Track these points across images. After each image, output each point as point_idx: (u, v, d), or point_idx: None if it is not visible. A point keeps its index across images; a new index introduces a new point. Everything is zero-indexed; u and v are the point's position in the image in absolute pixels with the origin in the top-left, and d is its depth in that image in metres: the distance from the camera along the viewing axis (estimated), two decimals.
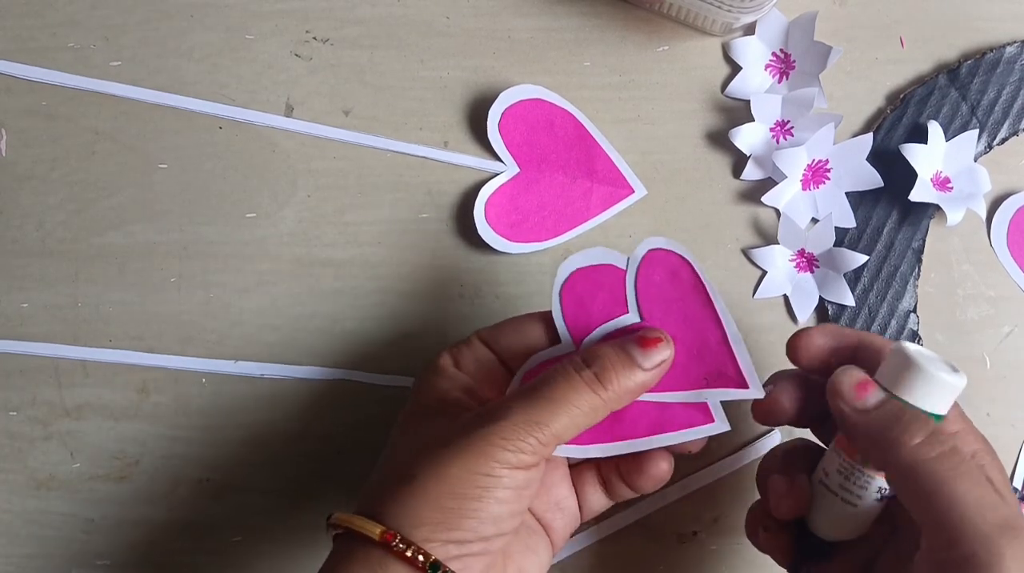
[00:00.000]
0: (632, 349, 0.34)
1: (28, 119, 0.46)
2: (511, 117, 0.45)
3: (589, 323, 0.36)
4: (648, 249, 0.36)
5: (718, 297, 0.36)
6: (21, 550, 0.45)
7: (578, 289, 0.36)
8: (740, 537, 0.45)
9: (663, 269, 0.36)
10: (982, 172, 0.45)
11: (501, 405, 0.33)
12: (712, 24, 0.45)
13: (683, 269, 0.36)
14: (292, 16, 0.47)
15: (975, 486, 0.30)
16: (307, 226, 0.46)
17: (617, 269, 0.36)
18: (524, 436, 0.32)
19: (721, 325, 0.36)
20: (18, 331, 0.46)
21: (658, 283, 0.36)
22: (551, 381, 0.33)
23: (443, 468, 0.32)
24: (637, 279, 0.36)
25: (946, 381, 0.33)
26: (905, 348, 0.33)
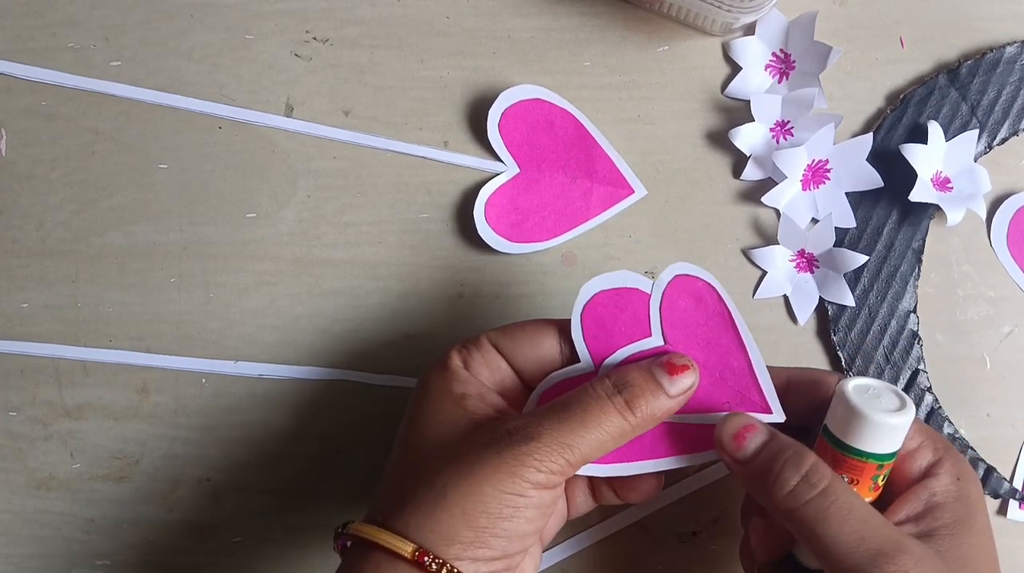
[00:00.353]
0: (660, 375, 0.34)
1: (28, 119, 0.46)
2: (511, 117, 0.45)
3: (610, 345, 0.36)
4: (674, 275, 0.36)
5: (742, 323, 0.36)
6: (21, 550, 0.45)
7: (599, 310, 0.36)
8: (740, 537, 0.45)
9: (688, 295, 0.36)
10: (982, 172, 0.45)
11: (532, 424, 0.33)
12: (712, 24, 0.45)
13: (708, 295, 0.36)
14: (292, 16, 0.47)
15: (843, 525, 0.32)
16: (307, 226, 0.46)
17: (641, 293, 0.36)
18: (556, 458, 0.32)
19: (745, 351, 0.36)
20: (18, 331, 0.46)
21: (683, 308, 0.36)
22: (583, 404, 0.33)
23: (476, 486, 0.32)
24: (662, 303, 0.36)
25: (889, 424, 0.33)
26: (845, 393, 0.34)
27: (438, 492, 0.32)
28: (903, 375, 0.45)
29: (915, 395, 0.45)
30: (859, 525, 0.32)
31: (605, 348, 0.36)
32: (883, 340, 0.45)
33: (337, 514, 0.45)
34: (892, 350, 0.45)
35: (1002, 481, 0.44)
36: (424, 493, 0.33)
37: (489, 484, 0.32)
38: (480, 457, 0.32)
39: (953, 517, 0.34)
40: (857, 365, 0.45)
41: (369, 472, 0.45)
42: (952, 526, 0.34)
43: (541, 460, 0.32)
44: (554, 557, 0.45)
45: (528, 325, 0.37)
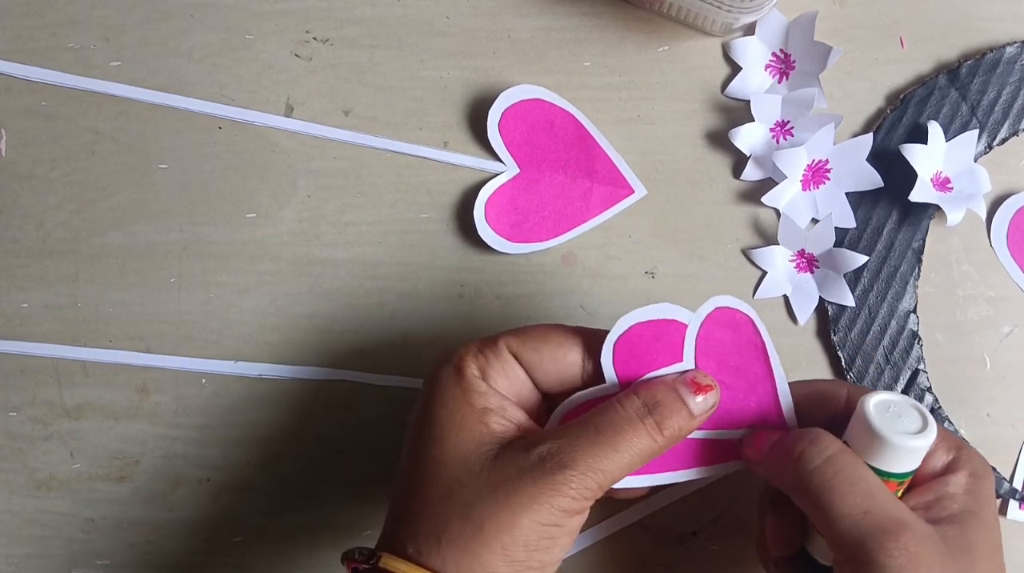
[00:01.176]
0: (685, 394, 0.34)
1: (28, 119, 0.46)
2: (511, 117, 0.45)
3: (639, 371, 0.35)
4: (715, 307, 0.36)
5: (775, 357, 0.36)
6: (21, 550, 0.45)
7: (634, 340, 0.35)
8: (740, 537, 0.45)
9: (726, 326, 0.36)
10: (982, 172, 0.45)
11: (564, 449, 0.32)
12: (712, 24, 0.45)
13: (745, 325, 0.36)
14: (292, 16, 0.47)
15: (848, 496, 0.32)
16: (307, 226, 0.46)
17: (678, 323, 0.36)
18: (590, 484, 0.32)
19: (773, 381, 0.36)
20: (18, 331, 0.46)
21: (718, 338, 0.36)
22: (615, 426, 0.33)
23: (514, 519, 0.31)
24: (699, 333, 0.36)
25: (912, 447, 0.33)
26: (867, 413, 0.33)
27: (475, 526, 0.32)
28: (903, 375, 0.45)
29: (915, 395, 0.45)
30: (864, 498, 0.32)
31: (634, 374, 0.35)
32: (883, 340, 0.45)
33: (337, 514, 0.45)
34: (892, 350, 0.45)
35: (1002, 481, 0.44)
36: (460, 527, 0.32)
37: (527, 516, 0.32)
38: (515, 487, 0.32)
39: (961, 508, 0.34)
40: (857, 365, 0.45)
41: (369, 472, 0.45)
42: (960, 515, 0.33)
43: (577, 488, 0.32)
44: None
45: (551, 335, 0.36)
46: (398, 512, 0.34)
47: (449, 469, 0.33)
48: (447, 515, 0.32)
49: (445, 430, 0.34)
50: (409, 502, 0.34)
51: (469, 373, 0.35)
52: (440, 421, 0.34)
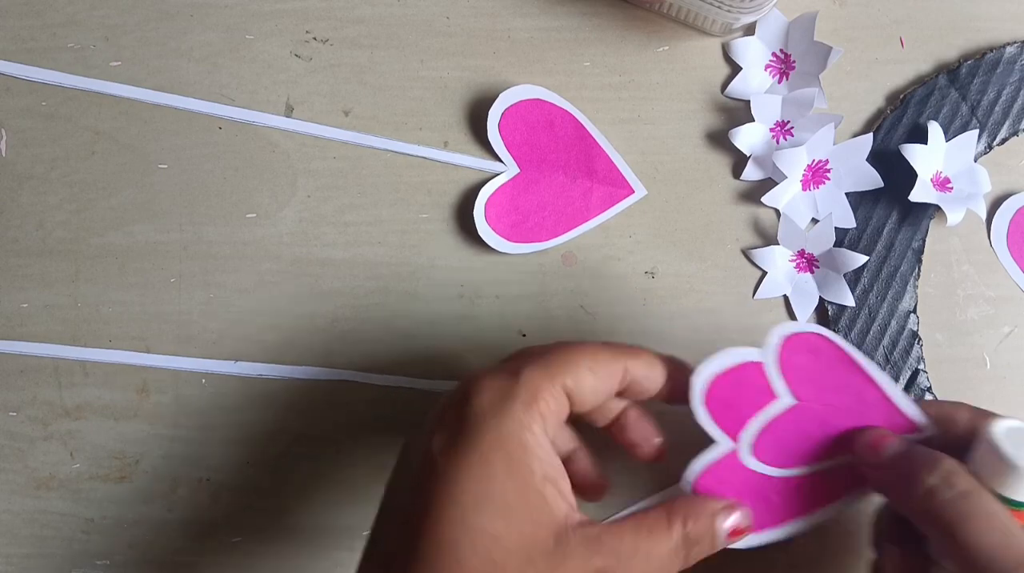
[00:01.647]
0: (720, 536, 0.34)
1: (28, 119, 0.46)
2: (511, 117, 0.45)
3: (740, 418, 0.35)
4: (782, 338, 0.36)
5: (864, 358, 0.36)
6: (21, 550, 0.45)
7: (720, 393, 0.35)
8: None
9: (802, 349, 0.36)
10: (982, 172, 0.45)
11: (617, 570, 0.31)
12: (712, 24, 0.45)
13: (822, 343, 0.36)
14: (292, 16, 0.47)
15: (986, 531, 0.31)
16: (307, 226, 0.46)
17: (754, 363, 0.36)
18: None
19: (875, 382, 0.36)
20: (18, 331, 0.46)
21: (802, 364, 0.36)
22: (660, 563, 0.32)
23: None
24: (780, 365, 0.36)
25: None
26: (997, 443, 0.33)
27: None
28: (903, 375, 0.45)
29: (915, 395, 0.45)
30: (1002, 534, 0.31)
31: (737, 423, 0.35)
32: (883, 340, 0.45)
33: (337, 514, 0.45)
34: (892, 350, 0.45)
35: None
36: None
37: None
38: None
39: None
40: None
41: (369, 472, 0.45)
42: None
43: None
44: None
45: (584, 362, 0.33)
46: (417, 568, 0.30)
47: (508, 554, 0.30)
48: None
49: (506, 501, 0.30)
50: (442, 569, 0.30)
51: (541, 428, 0.31)
52: (500, 486, 0.30)
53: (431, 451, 0.31)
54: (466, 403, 0.31)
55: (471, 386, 0.32)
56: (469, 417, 0.31)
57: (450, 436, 0.31)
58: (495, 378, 0.32)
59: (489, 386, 0.32)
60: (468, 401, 0.31)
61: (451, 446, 0.31)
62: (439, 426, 0.32)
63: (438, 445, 0.31)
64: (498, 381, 0.32)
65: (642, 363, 0.35)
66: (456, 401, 0.32)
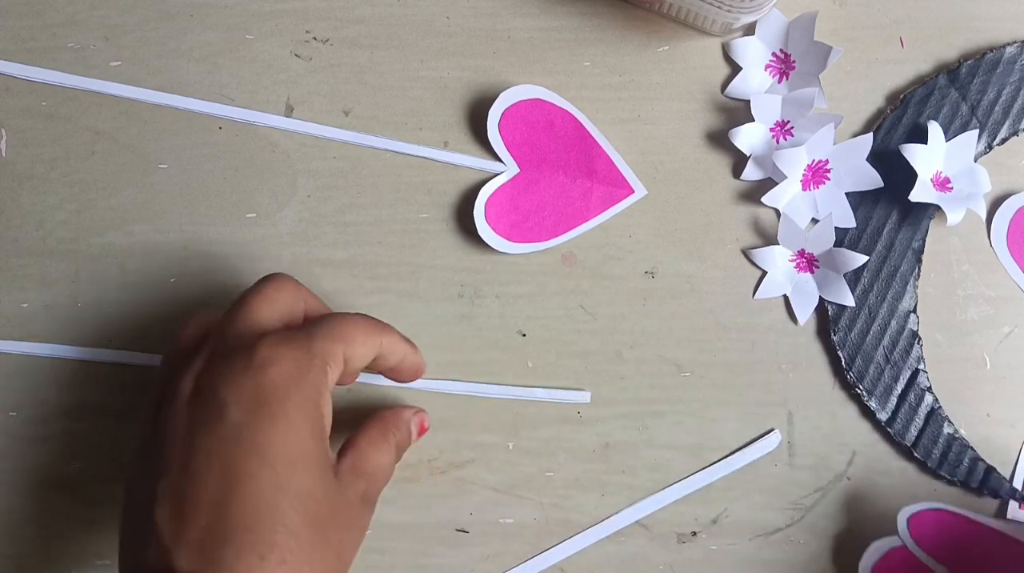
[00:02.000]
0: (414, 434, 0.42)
1: (28, 119, 0.46)
2: (511, 117, 0.45)
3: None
4: None
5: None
6: (21, 550, 0.45)
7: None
8: (740, 537, 0.45)
9: None
10: (982, 172, 0.45)
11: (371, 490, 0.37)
12: (712, 24, 0.45)
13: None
14: (292, 16, 0.47)
15: None
16: (307, 226, 0.46)
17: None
18: None
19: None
20: (18, 331, 0.46)
21: None
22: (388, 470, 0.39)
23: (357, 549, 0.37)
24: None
25: None
26: None
27: (343, 564, 0.35)
28: (903, 375, 0.45)
29: (915, 395, 0.45)
30: None
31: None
32: (883, 340, 0.45)
33: None
34: (892, 350, 0.45)
35: (1002, 481, 0.44)
36: (336, 564, 0.34)
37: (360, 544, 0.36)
38: (361, 524, 0.36)
39: None
40: (857, 365, 0.45)
41: None
42: None
43: None
44: (554, 557, 0.45)
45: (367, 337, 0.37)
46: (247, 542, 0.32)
47: (319, 504, 0.33)
48: (326, 555, 0.33)
49: (311, 458, 0.34)
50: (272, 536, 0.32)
51: (328, 390, 0.36)
52: (305, 446, 0.34)
53: (227, 423, 0.33)
54: (262, 374, 0.33)
55: (259, 361, 0.34)
56: (268, 386, 0.33)
57: (250, 408, 0.33)
58: (287, 349, 0.34)
59: (283, 356, 0.34)
60: (264, 372, 0.33)
61: (254, 416, 0.33)
62: (233, 399, 0.33)
63: (237, 416, 0.33)
64: (292, 352, 0.34)
65: (391, 339, 0.39)
66: (240, 372, 0.34)
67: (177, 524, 0.32)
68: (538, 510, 0.45)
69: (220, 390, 0.34)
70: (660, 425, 0.45)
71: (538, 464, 0.45)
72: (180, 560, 0.31)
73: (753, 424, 0.45)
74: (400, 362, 0.40)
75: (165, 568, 0.31)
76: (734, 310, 0.45)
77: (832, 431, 0.45)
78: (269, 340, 0.35)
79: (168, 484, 0.33)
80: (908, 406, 0.44)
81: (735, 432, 0.45)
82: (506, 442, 0.45)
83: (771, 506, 0.45)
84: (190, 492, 0.32)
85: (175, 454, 0.33)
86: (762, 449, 0.45)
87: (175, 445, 0.34)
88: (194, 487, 0.32)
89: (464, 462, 0.45)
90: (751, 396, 0.45)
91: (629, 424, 0.45)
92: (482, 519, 0.45)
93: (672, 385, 0.45)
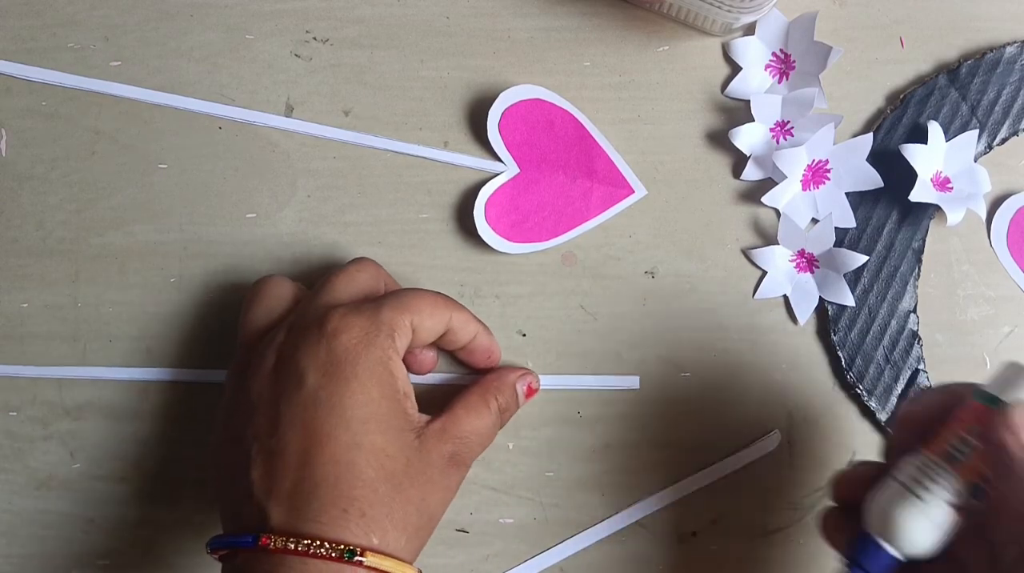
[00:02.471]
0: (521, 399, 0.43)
1: (28, 119, 0.46)
2: (511, 117, 0.45)
3: None
4: None
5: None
6: (21, 550, 0.45)
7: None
8: (740, 537, 0.45)
9: None
10: (982, 172, 0.45)
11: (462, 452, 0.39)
12: (712, 24, 0.45)
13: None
14: (292, 16, 0.47)
15: None
16: (307, 226, 0.46)
17: None
18: None
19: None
20: (18, 331, 0.46)
21: None
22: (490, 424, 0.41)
23: (444, 507, 0.38)
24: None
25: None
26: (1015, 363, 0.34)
27: (428, 517, 0.37)
28: (903, 375, 0.45)
29: (914, 393, 0.45)
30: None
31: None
32: (883, 340, 0.45)
33: None
34: (892, 350, 0.45)
35: None
36: (419, 519, 0.36)
37: (449, 503, 0.38)
38: (446, 484, 0.38)
39: None
40: (857, 365, 0.45)
41: None
42: None
43: None
44: (554, 557, 0.45)
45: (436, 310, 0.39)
46: (329, 496, 0.35)
47: (394, 461, 0.36)
48: (406, 510, 0.36)
49: (384, 418, 0.36)
50: (352, 490, 0.35)
51: (398, 355, 0.38)
52: (377, 406, 0.36)
53: (307, 388, 0.36)
54: (333, 341, 0.36)
55: (330, 330, 0.37)
56: (340, 352, 0.36)
57: (325, 372, 0.36)
58: (356, 318, 0.37)
59: (352, 324, 0.37)
60: (335, 339, 0.36)
61: (329, 380, 0.36)
62: (310, 366, 0.36)
63: (314, 382, 0.36)
64: (360, 320, 0.37)
65: (462, 317, 0.40)
66: (314, 342, 0.37)
67: (269, 483, 0.35)
68: (538, 510, 0.45)
69: (298, 359, 0.37)
70: (660, 425, 0.45)
71: (538, 464, 0.45)
72: (274, 515, 0.35)
73: (753, 424, 0.45)
74: (473, 341, 0.41)
75: (261, 523, 0.35)
76: (734, 310, 0.45)
77: (832, 431, 0.45)
78: (339, 310, 0.38)
79: (259, 448, 0.36)
80: None
81: (735, 432, 0.45)
82: (506, 442, 0.45)
83: (771, 506, 0.45)
84: (279, 453, 0.35)
85: (264, 420, 0.36)
86: (762, 449, 0.45)
87: (263, 411, 0.37)
88: (282, 448, 0.35)
89: None
90: (751, 396, 0.45)
91: (629, 424, 0.45)
92: (482, 519, 0.45)
93: (672, 385, 0.45)
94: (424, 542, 0.37)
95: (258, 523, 0.35)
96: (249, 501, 0.36)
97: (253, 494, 0.35)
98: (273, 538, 0.34)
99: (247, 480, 0.36)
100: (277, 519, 0.35)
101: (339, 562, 0.34)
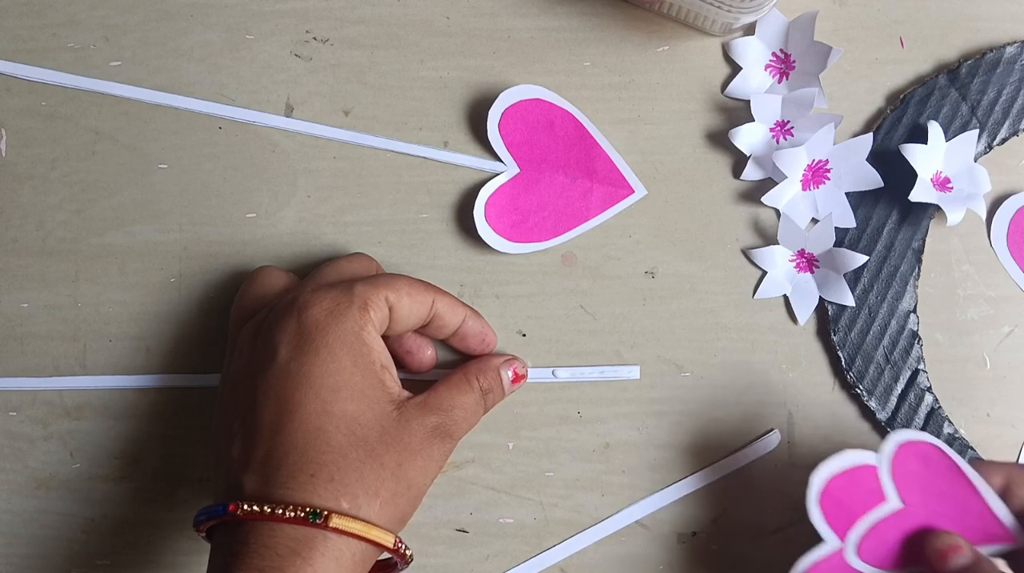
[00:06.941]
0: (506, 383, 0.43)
1: (28, 119, 0.46)
2: (511, 117, 0.45)
3: (851, 519, 0.38)
4: (897, 444, 0.38)
5: (969, 469, 0.37)
6: (21, 550, 0.45)
7: (834, 493, 0.38)
8: (740, 537, 0.45)
9: (915, 456, 0.38)
10: (982, 172, 0.45)
11: (447, 424, 0.39)
12: (712, 24, 0.45)
13: (932, 452, 0.38)
14: (292, 16, 0.47)
15: None
16: (307, 226, 0.46)
17: (869, 466, 0.38)
18: None
19: (980, 495, 0.37)
20: (18, 331, 0.46)
21: (913, 470, 0.38)
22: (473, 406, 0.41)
23: (427, 478, 0.38)
24: (892, 470, 0.38)
25: None
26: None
27: (405, 485, 0.37)
28: (903, 375, 0.45)
29: (915, 395, 0.45)
30: None
31: (846, 523, 0.38)
32: (883, 340, 0.45)
33: None
34: (892, 350, 0.45)
35: None
36: (395, 485, 0.36)
37: (433, 475, 0.38)
38: (427, 453, 0.38)
39: None
40: (857, 365, 0.45)
41: None
42: None
43: (454, 447, 0.40)
44: (554, 557, 0.45)
45: (405, 286, 0.39)
46: (297, 463, 0.35)
47: (367, 428, 0.36)
48: (379, 475, 0.36)
49: (356, 387, 0.37)
50: (321, 456, 0.35)
51: (373, 328, 0.38)
52: (349, 375, 0.37)
53: (279, 361, 0.37)
54: (303, 314, 0.37)
55: (300, 304, 0.38)
56: (310, 324, 0.37)
57: (295, 345, 0.37)
58: (327, 293, 0.38)
59: (322, 298, 0.38)
60: (305, 312, 0.37)
61: (300, 351, 0.37)
62: (282, 340, 0.37)
63: (285, 355, 0.37)
64: (331, 294, 0.38)
65: (447, 301, 0.41)
66: (286, 318, 0.38)
67: (246, 455, 0.36)
68: (538, 510, 0.45)
69: (272, 334, 0.38)
70: (660, 425, 0.45)
71: (538, 464, 0.45)
72: (247, 484, 0.36)
73: (753, 424, 0.45)
74: (463, 326, 0.42)
75: (236, 492, 0.36)
76: (734, 310, 0.45)
77: (832, 431, 0.45)
78: (310, 287, 0.39)
79: (240, 423, 0.37)
80: (908, 406, 0.44)
81: (735, 432, 0.45)
82: (506, 442, 0.45)
83: (771, 506, 0.45)
84: (254, 425, 0.36)
85: (244, 397, 0.38)
86: (762, 449, 0.45)
87: (243, 389, 0.38)
88: (257, 422, 0.36)
89: (464, 462, 0.45)
90: (751, 396, 0.45)
91: (629, 424, 0.45)
92: (482, 519, 0.45)
93: (672, 385, 0.45)
94: (405, 510, 0.37)
95: (234, 493, 0.36)
96: (228, 475, 0.37)
97: (231, 467, 0.37)
98: (240, 505, 0.34)
99: (229, 456, 0.37)
100: (249, 488, 0.35)
101: (304, 525, 0.34)
